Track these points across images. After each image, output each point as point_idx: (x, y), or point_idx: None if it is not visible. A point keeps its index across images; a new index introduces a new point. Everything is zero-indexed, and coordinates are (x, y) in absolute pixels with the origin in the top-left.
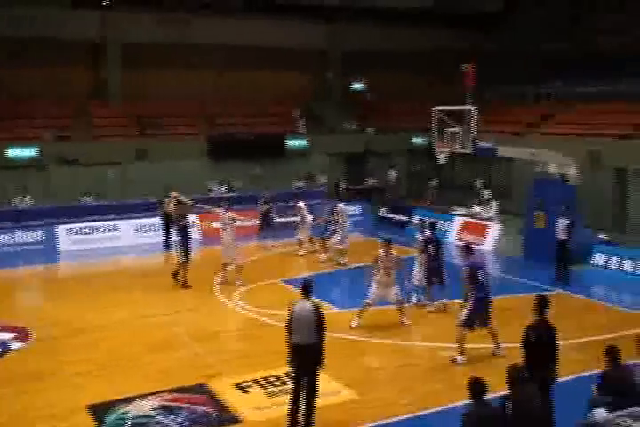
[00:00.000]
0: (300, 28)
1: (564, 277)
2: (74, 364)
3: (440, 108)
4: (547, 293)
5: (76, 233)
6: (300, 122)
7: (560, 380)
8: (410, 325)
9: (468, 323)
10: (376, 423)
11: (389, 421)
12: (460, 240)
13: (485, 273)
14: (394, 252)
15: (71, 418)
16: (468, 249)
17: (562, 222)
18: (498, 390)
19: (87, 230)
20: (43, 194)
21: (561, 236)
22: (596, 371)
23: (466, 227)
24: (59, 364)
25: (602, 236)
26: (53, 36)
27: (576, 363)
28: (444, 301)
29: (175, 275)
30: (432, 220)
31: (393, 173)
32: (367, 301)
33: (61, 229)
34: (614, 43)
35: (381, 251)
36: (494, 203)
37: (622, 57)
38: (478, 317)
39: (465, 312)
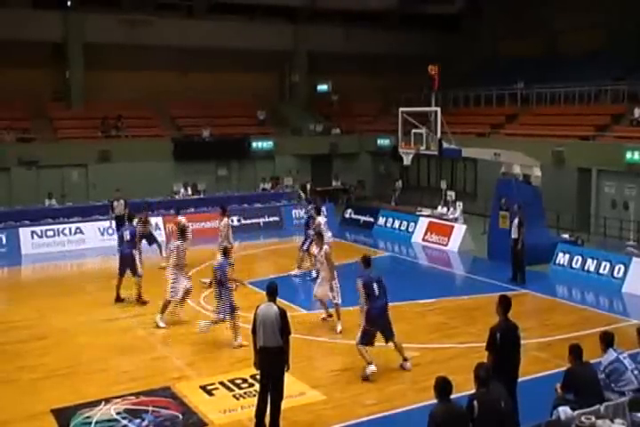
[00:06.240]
0: (264, 30)
1: (519, 276)
2: (34, 368)
3: (405, 109)
4: (510, 292)
5: (40, 236)
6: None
7: (524, 379)
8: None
9: (365, 341)
10: (342, 424)
11: (355, 421)
12: (425, 241)
13: (381, 286)
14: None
15: (32, 423)
16: (365, 261)
17: (514, 222)
18: (464, 389)
19: (50, 233)
20: (4, 196)
21: (513, 235)
22: (559, 370)
23: (431, 228)
24: (18, 369)
25: (565, 235)
26: (14, 37)
27: (539, 362)
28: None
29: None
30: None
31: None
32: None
33: (24, 232)
34: (576, 43)
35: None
36: (459, 204)
37: (584, 58)
38: (376, 332)
39: (360, 330)
